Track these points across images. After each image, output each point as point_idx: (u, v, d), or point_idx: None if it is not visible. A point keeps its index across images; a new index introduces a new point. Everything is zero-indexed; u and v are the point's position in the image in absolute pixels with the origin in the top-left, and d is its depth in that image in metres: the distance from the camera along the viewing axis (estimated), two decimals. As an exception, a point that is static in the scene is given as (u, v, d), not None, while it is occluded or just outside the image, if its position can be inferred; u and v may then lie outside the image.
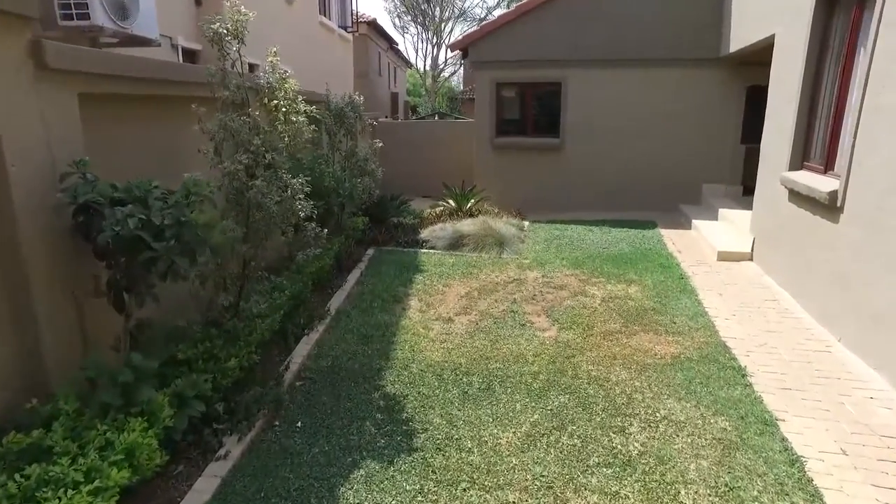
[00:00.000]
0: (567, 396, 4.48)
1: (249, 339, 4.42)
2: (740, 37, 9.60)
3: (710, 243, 8.73)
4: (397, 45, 27.94)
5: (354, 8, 18.18)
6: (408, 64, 34.12)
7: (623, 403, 4.38)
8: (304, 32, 13.76)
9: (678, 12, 10.78)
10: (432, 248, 8.84)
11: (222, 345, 4.21)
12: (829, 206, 5.75)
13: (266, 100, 4.34)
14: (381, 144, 8.40)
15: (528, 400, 4.44)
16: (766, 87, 11.04)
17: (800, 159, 6.95)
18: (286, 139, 4.26)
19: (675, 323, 5.94)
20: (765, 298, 6.68)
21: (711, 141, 11.17)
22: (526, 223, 10.77)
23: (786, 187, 6.95)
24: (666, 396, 4.46)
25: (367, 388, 4.61)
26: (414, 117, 18.38)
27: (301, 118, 4.27)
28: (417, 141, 15.00)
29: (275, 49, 4.21)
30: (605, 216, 11.24)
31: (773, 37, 7.95)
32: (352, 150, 7.83)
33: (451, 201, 11.30)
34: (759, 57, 10.20)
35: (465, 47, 11.76)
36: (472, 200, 11.23)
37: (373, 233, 9.09)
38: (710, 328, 5.81)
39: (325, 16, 15.56)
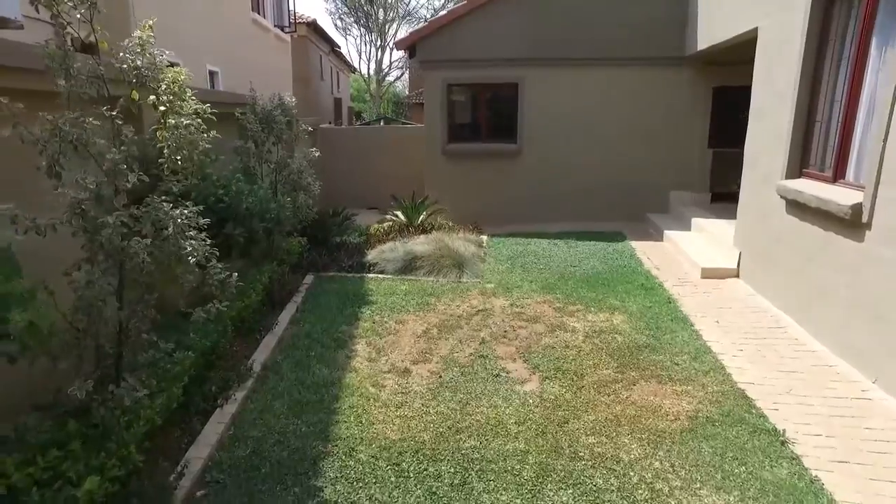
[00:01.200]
0: (570, 491, 3.29)
1: (128, 436, 3.06)
2: (710, 34, 8.72)
3: (689, 258, 7.77)
4: (340, 48, 26.44)
5: (292, 7, 16.68)
6: (351, 69, 32.53)
7: (645, 499, 3.23)
8: (233, 28, 12.23)
9: (641, 9, 9.87)
10: (381, 272, 7.56)
11: (81, 451, 2.84)
12: (851, 222, 4.79)
13: (140, 95, 2.97)
14: (318, 154, 7.06)
15: (518, 501, 3.23)
16: (734, 87, 10.29)
17: (798, 166, 6.02)
18: (169, 150, 2.92)
19: (677, 364, 4.86)
20: (768, 326, 5.71)
21: (678, 145, 10.31)
22: (484, 238, 9.62)
23: (783, 197, 6.01)
24: (698, 485, 3.33)
25: (299, 493, 3.30)
26: (358, 123, 17.01)
27: (188, 121, 2.94)
28: (362, 148, 13.66)
29: (150, 22, 2.88)
30: (568, 227, 10.21)
31: (755, 30, 7.05)
32: (283, 162, 6.47)
33: (400, 215, 10.03)
34: (728, 56, 9.39)
35: (411, 45, 10.53)
36: (424, 213, 10.00)
37: (312, 256, 7.73)
38: (720, 370, 4.75)
39: (258, 13, 14.05)
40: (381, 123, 16.55)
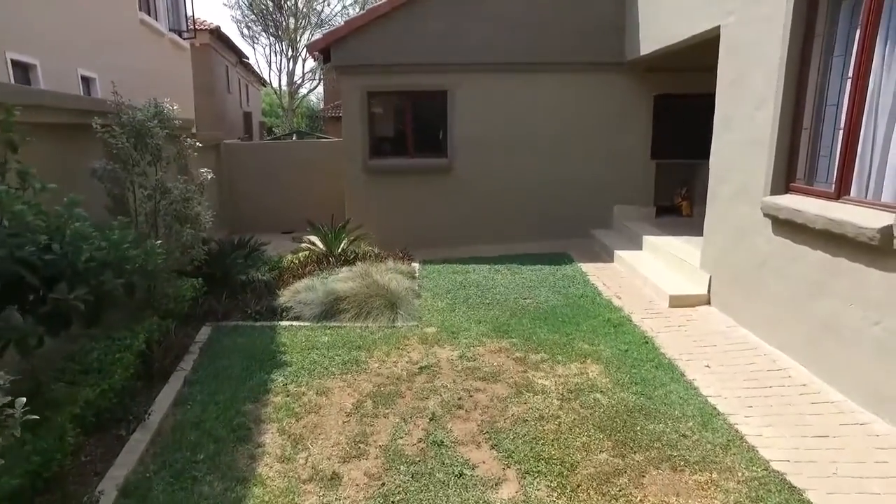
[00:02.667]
0: None
1: None
2: (654, 37, 7.89)
3: (652, 284, 6.80)
4: (248, 59, 24.43)
5: (190, 11, 14.81)
6: (262, 82, 30.35)
7: None
8: (114, 29, 10.34)
9: (579, 11, 8.95)
10: (297, 318, 6.08)
11: None
12: (879, 248, 3.87)
13: None
14: (211, 175, 5.52)
15: None
16: (675, 96, 9.58)
17: (784, 180, 5.13)
18: None
19: (685, 436, 3.75)
20: (766, 369, 4.73)
21: (621, 157, 9.45)
22: (417, 266, 8.32)
23: (770, 216, 5.10)
24: None
25: None
26: (269, 138, 15.26)
27: None
28: (275, 166, 12.04)
29: None
30: (508, 250, 9.09)
31: (715, 30, 6.20)
32: (162, 187, 4.92)
33: (318, 242, 8.57)
34: (669, 62, 8.62)
35: (325, 48, 9.11)
36: (346, 240, 8.59)
37: (209, 301, 6.14)
38: (741, 443, 3.67)
39: (149, 14, 12.16)
40: (294, 138, 14.91)
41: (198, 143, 5.23)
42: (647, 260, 7.70)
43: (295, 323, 5.98)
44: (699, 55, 8.53)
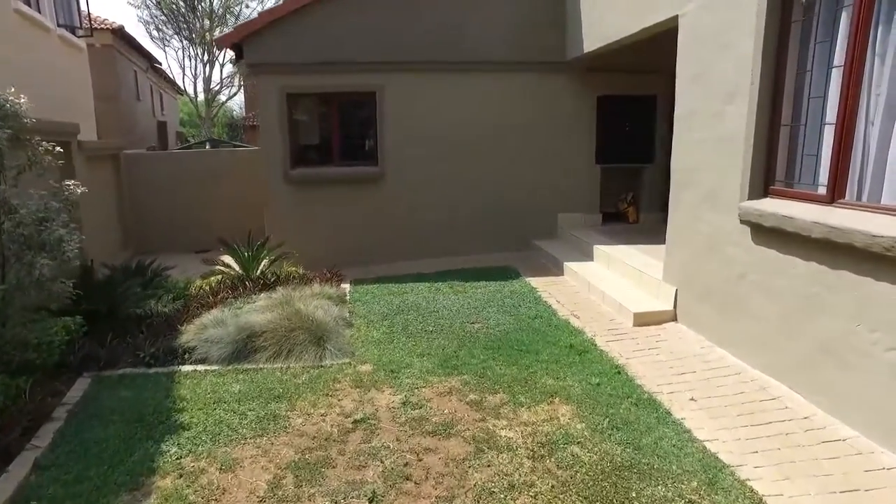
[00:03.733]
0: None
1: None
2: (599, 33, 7.26)
3: (610, 298, 6.10)
4: (161, 64, 22.52)
5: (84, 6, 13.13)
6: (178, 89, 28.21)
7: None
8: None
9: (515, 6, 8.25)
10: (203, 360, 4.95)
11: None
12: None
13: None
14: (81, 190, 4.32)
15: None
16: (618, 97, 9.05)
17: (762, 183, 4.51)
18: None
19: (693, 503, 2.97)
20: (759, 399, 4.06)
21: (564, 162, 8.79)
22: (348, 288, 7.31)
23: (751, 223, 4.46)
24: None
25: None
26: (178, 147, 13.73)
27: None
28: (185, 178, 10.68)
29: None
30: (448, 265, 8.21)
31: (672, 20, 5.59)
32: (5, 205, 3.72)
33: (234, 265, 7.40)
34: (612, 61, 8.05)
35: (238, 43, 7.98)
36: (266, 261, 7.48)
37: (90, 344, 4.92)
38: (759, 509, 2.93)
39: (29, 5, 10.51)
40: (208, 146, 13.51)
41: (57, 149, 4.02)
42: (600, 272, 7.02)
43: (199, 367, 4.85)
44: (645, 54, 8.02)
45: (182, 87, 28.49)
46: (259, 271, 7.29)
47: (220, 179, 10.69)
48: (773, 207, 4.21)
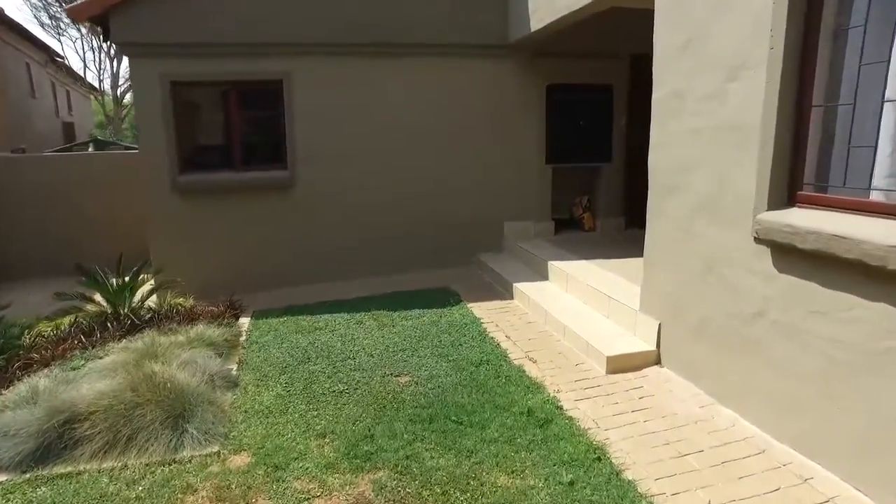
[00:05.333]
0: None
1: None
2: (548, 6, 5.90)
3: (572, 333, 4.74)
4: (64, 58, 19.95)
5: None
6: (91, 88, 25.25)
7: None
8: None
9: (447, -25, 6.82)
10: (-13, 465, 3.28)
11: None
12: None
13: None
14: None
15: None
16: (571, 86, 7.73)
17: (786, 187, 3.21)
18: None
19: None
20: (813, 502, 2.76)
21: (510, 161, 7.41)
22: (245, 323, 5.70)
23: (773, 243, 3.15)
24: None
25: None
26: (52, 150, 11.54)
27: None
28: (61, 186, 8.69)
29: None
30: (376, 287, 6.69)
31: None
32: None
33: (99, 298, 5.66)
34: (565, 44, 6.76)
35: (102, 15, 6.21)
36: (143, 291, 5.78)
37: None
38: None
39: None
40: (91, 148, 11.47)
41: None
42: (558, 297, 5.66)
43: (-23, 479, 3.17)
44: (601, 35, 6.78)
45: (96, 87, 25.60)
46: (130, 306, 5.57)
47: (106, 187, 8.79)
48: (812, 222, 2.90)
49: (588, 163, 7.63)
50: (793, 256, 3.02)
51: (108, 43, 24.52)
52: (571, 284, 5.66)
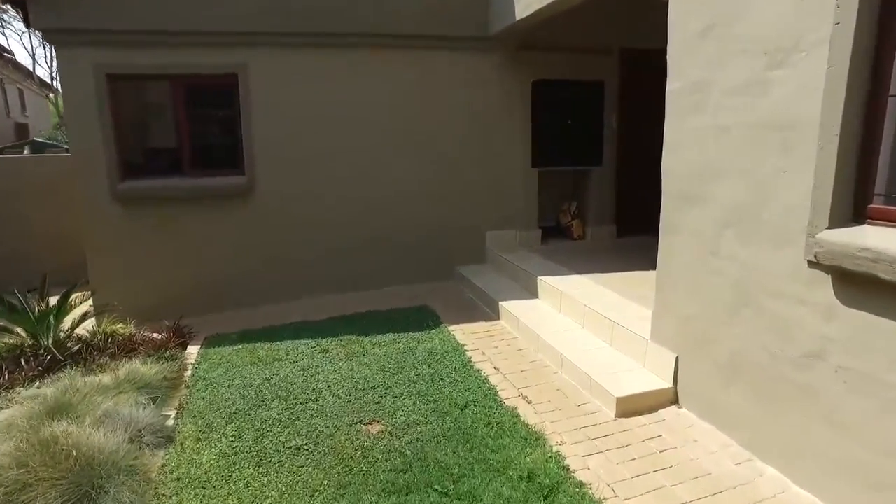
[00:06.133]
0: None
1: None
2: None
3: (571, 363, 4.03)
4: (12, 53, 18.64)
5: None
6: (43, 85, 23.71)
7: None
8: None
9: (421, -42, 6.08)
10: None
11: None
12: None
13: None
14: None
15: None
16: (559, 83, 6.90)
17: (852, 198, 2.55)
18: None
19: None
20: None
21: (493, 165, 6.69)
22: (193, 353, 4.88)
23: (841, 270, 2.48)
24: None
25: None
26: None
27: None
28: (-5, 193, 7.72)
29: None
30: (343, 306, 5.92)
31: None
32: None
33: (19, 330, 4.77)
34: (552, 36, 6.10)
35: None
36: (73, 318, 4.91)
37: None
38: None
39: None
40: (27, 151, 10.42)
41: None
42: (550, 317, 4.96)
43: None
44: (592, 27, 6.14)
45: (53, 86, 24.13)
46: (55, 337, 4.70)
47: (46, 195, 7.81)
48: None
49: (577, 166, 6.96)
50: (869, 288, 2.36)
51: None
52: (566, 304, 4.96)
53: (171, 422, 3.66)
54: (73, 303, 4.95)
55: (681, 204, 3.47)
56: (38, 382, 3.97)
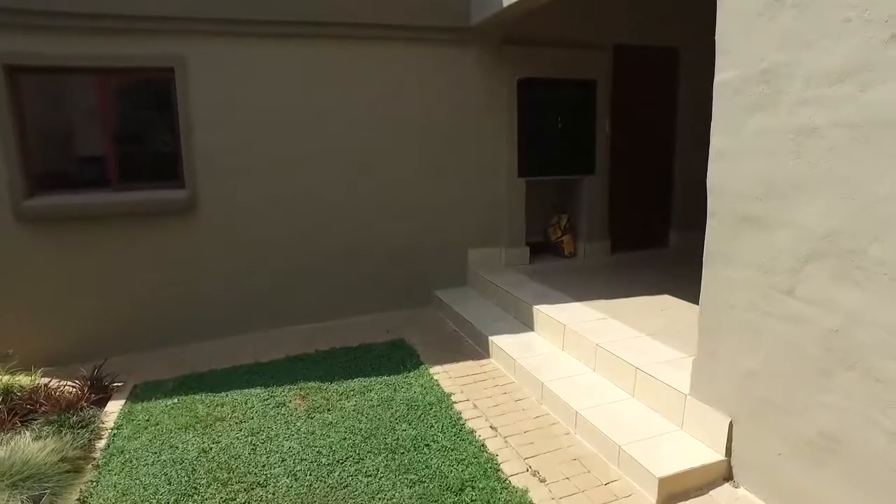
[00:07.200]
0: None
1: None
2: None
3: (590, 425, 3.18)
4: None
5: None
6: None
7: None
8: None
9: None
10: None
11: None
12: None
13: None
14: None
15: None
16: (547, 81, 6.01)
17: None
18: None
19: None
20: None
21: (474, 174, 5.82)
22: (114, 412, 3.85)
23: None
24: None
25: None
26: None
27: None
28: None
29: None
30: (305, 340, 4.98)
31: None
32: None
33: None
34: (540, 27, 5.29)
35: None
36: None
37: None
38: None
39: None
40: None
41: None
42: (552, 357, 4.11)
43: None
44: (584, 18, 5.36)
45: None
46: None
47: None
48: None
49: (567, 174, 6.15)
50: None
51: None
52: (570, 341, 4.12)
53: (64, 528, 2.66)
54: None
55: (737, 228, 2.66)
56: None
